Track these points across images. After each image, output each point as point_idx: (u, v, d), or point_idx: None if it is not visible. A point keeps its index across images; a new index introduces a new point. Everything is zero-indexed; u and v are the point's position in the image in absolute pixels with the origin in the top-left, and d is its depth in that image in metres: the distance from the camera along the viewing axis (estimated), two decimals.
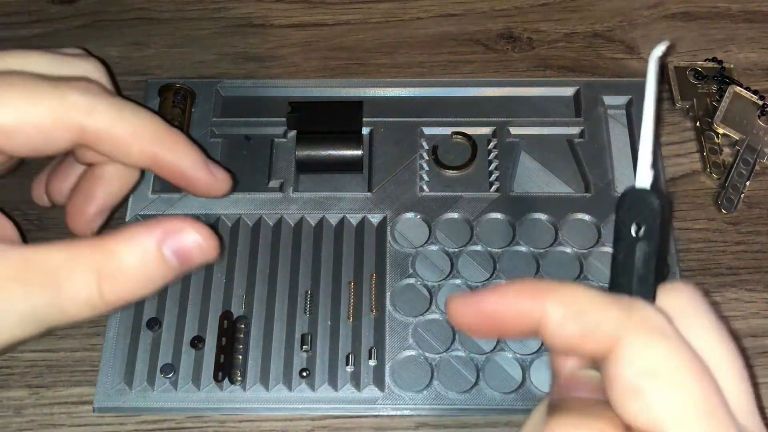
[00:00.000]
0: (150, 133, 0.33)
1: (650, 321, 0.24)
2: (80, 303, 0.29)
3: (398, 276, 0.39)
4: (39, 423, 0.36)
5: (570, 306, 0.25)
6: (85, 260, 0.29)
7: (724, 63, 0.46)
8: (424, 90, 0.45)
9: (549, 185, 0.42)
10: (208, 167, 0.34)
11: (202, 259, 0.31)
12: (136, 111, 0.33)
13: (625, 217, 0.26)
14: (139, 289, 0.30)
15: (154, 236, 0.29)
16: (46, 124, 0.30)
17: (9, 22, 0.49)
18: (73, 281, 0.28)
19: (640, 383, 0.23)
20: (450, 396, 0.36)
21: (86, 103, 0.31)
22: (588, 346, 0.25)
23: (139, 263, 0.29)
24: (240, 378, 0.37)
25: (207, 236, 0.30)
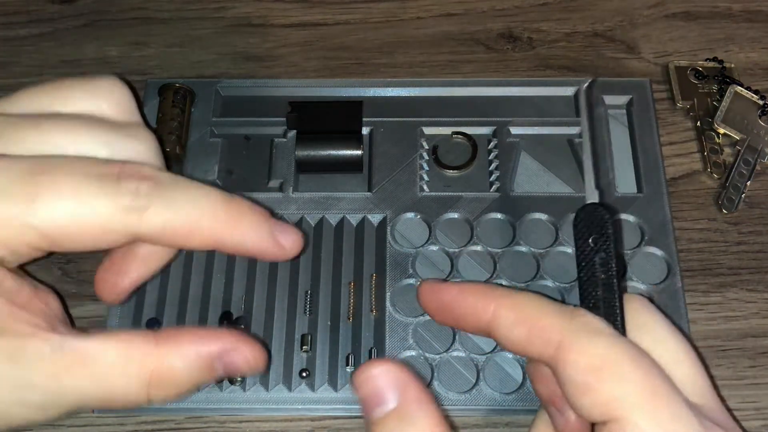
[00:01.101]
0: (210, 220, 0.30)
1: (590, 324, 0.27)
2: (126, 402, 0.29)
3: (398, 276, 0.39)
4: None
5: (518, 312, 0.28)
6: (139, 364, 0.28)
7: (724, 63, 0.46)
8: (424, 90, 0.45)
9: (549, 185, 0.42)
10: (274, 237, 0.32)
11: (247, 375, 0.31)
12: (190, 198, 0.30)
13: (582, 232, 0.29)
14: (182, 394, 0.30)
15: (210, 353, 0.29)
16: (94, 231, 0.29)
17: (9, 22, 0.49)
18: (124, 382, 0.28)
19: (587, 380, 0.25)
20: (450, 396, 0.36)
21: (138, 206, 0.29)
22: (534, 349, 0.28)
23: (191, 375, 0.29)
24: (240, 378, 0.37)
25: (258, 356, 0.30)
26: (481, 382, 0.37)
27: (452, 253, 0.40)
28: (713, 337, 0.38)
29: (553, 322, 0.27)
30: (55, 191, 0.28)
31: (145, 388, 0.28)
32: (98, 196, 0.29)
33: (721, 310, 0.39)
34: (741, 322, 0.39)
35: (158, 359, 0.28)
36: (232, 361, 0.30)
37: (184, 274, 0.39)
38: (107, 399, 0.28)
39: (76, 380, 0.28)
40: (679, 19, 0.49)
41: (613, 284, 0.28)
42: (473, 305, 0.29)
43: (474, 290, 0.30)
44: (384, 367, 0.27)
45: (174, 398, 0.29)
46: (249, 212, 0.32)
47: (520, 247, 0.40)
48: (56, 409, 0.28)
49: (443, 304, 0.31)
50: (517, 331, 0.28)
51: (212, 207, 0.31)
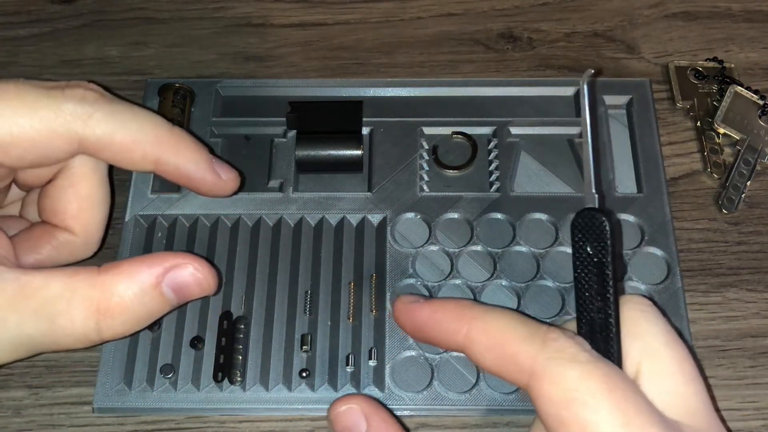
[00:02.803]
0: (151, 137, 0.32)
1: (563, 351, 0.26)
2: (75, 337, 0.29)
3: (398, 276, 0.39)
4: (38, 423, 0.36)
5: (490, 336, 0.27)
6: (84, 294, 0.28)
7: (724, 63, 0.46)
8: (424, 90, 0.45)
9: (549, 185, 0.42)
10: (213, 167, 0.34)
11: (199, 294, 0.31)
12: (136, 115, 0.32)
13: (579, 237, 0.28)
14: (136, 325, 0.30)
15: (154, 273, 0.29)
16: (42, 136, 0.30)
17: (8, 22, 0.49)
18: (69, 315, 0.28)
19: (560, 414, 0.25)
20: (450, 396, 0.36)
21: (83, 111, 0.30)
22: (508, 375, 0.27)
23: (138, 300, 0.29)
24: (240, 378, 0.37)
25: (205, 271, 0.30)
26: (481, 382, 0.37)
27: (452, 253, 0.40)
28: (713, 337, 0.38)
29: (524, 348, 0.26)
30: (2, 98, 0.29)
31: (93, 319, 0.28)
32: (44, 100, 0.30)
33: (721, 310, 0.39)
34: (741, 322, 0.39)
35: (103, 287, 0.28)
36: (179, 281, 0.29)
37: None
38: (53, 334, 0.28)
39: (18, 313, 0.27)
40: (679, 19, 0.49)
41: (609, 295, 0.27)
42: (446, 327, 0.29)
43: (446, 311, 0.29)
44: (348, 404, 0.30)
45: (125, 330, 0.29)
46: (191, 140, 0.33)
47: (520, 247, 0.40)
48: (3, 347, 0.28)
49: (416, 325, 0.30)
50: (489, 357, 0.27)
51: (155, 126, 0.32)
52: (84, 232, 0.33)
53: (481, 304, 0.29)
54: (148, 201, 0.41)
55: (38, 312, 0.28)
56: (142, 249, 0.40)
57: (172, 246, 0.40)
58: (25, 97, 0.29)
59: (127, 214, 0.41)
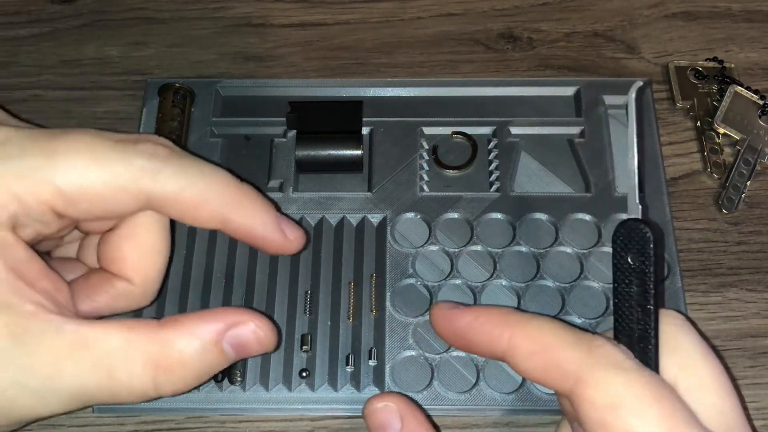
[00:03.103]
0: (219, 196, 0.31)
1: (609, 357, 0.26)
2: (132, 391, 0.28)
3: (398, 276, 0.39)
4: (38, 423, 0.36)
5: (535, 342, 0.27)
6: (142, 349, 0.28)
7: (724, 63, 0.46)
8: (424, 90, 0.45)
9: (549, 185, 0.42)
10: (280, 227, 0.33)
11: (258, 351, 0.30)
12: (204, 172, 0.31)
13: (621, 248, 0.28)
14: (194, 381, 0.29)
15: (215, 329, 0.29)
16: (111, 191, 0.29)
17: (8, 21, 0.49)
18: (127, 369, 0.28)
19: (605, 418, 0.25)
20: (450, 396, 0.36)
21: (153, 168, 0.29)
22: (551, 381, 0.27)
23: (198, 357, 0.28)
24: (240, 378, 0.37)
25: (266, 329, 0.30)
26: (481, 382, 0.37)
27: (452, 253, 0.40)
28: (713, 337, 0.38)
29: (570, 354, 0.26)
30: (73, 149, 0.29)
31: (151, 375, 0.28)
32: (114, 155, 0.29)
33: (721, 310, 0.39)
34: (741, 322, 0.39)
35: (163, 343, 0.28)
36: (239, 336, 0.29)
37: (183, 273, 0.39)
38: (110, 388, 0.28)
39: (76, 365, 0.27)
40: (679, 19, 0.49)
41: (650, 306, 0.27)
42: (488, 333, 0.29)
43: (489, 317, 0.29)
44: (385, 401, 0.30)
45: (184, 386, 0.29)
46: (258, 198, 0.32)
47: (520, 247, 0.40)
48: (56, 397, 0.27)
49: (457, 331, 0.30)
50: (533, 362, 0.27)
51: (224, 184, 0.31)
52: (143, 283, 0.32)
53: (523, 312, 0.29)
54: None
55: (96, 365, 0.27)
56: None
57: (173, 246, 0.40)
58: (96, 150, 0.29)
59: None
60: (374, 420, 0.30)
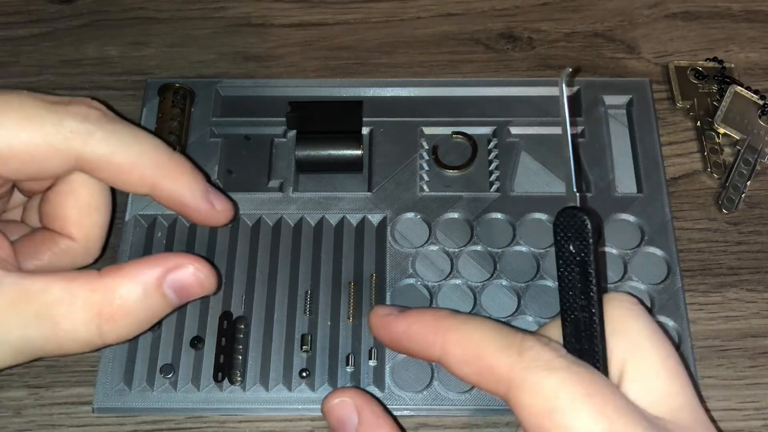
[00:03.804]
0: (150, 161, 0.31)
1: (539, 359, 0.26)
2: (78, 341, 0.28)
3: (398, 276, 0.39)
4: (38, 423, 0.36)
5: (466, 348, 0.27)
6: (85, 297, 0.28)
7: (724, 62, 0.46)
8: (424, 90, 0.45)
9: (549, 185, 0.42)
10: (208, 197, 0.33)
11: (200, 293, 0.31)
12: (136, 137, 0.31)
13: (562, 236, 0.28)
14: (138, 327, 0.29)
15: (155, 274, 0.29)
16: (41, 150, 0.29)
17: (8, 21, 0.49)
18: (71, 318, 0.28)
19: (541, 423, 0.25)
20: (450, 396, 0.36)
21: (84, 129, 0.30)
22: (486, 386, 0.27)
23: (140, 302, 0.29)
24: (240, 378, 0.37)
25: (206, 270, 0.30)
26: None
27: (452, 253, 0.40)
28: (713, 337, 0.38)
29: (500, 359, 0.26)
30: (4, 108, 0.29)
31: (95, 323, 0.28)
32: (46, 115, 0.29)
33: (721, 310, 0.39)
34: (741, 322, 0.39)
35: (105, 290, 0.28)
36: (180, 282, 0.29)
37: None
38: (55, 338, 0.28)
39: (19, 317, 0.27)
40: (679, 19, 0.49)
41: (592, 293, 0.27)
42: (422, 340, 0.29)
43: (422, 323, 0.29)
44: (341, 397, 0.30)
45: (128, 333, 0.29)
46: (188, 167, 0.33)
47: (520, 247, 0.40)
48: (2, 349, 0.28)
49: (394, 337, 0.30)
50: (466, 369, 0.27)
51: (155, 151, 0.32)
52: (85, 239, 0.33)
53: (459, 315, 0.29)
54: (149, 201, 0.41)
55: (39, 316, 0.28)
56: (142, 249, 0.40)
57: (173, 246, 0.40)
58: (28, 111, 0.29)
59: (128, 213, 0.41)
60: (332, 416, 0.30)
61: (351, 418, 0.30)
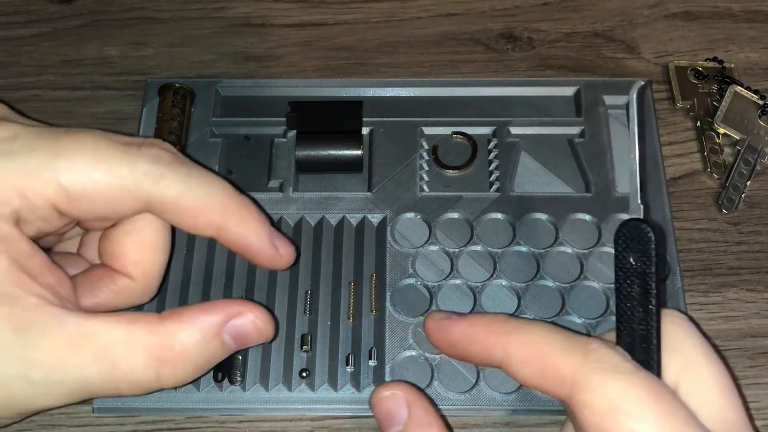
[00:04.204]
0: (218, 204, 0.31)
1: (605, 361, 0.26)
2: (135, 383, 0.28)
3: (398, 276, 0.39)
4: (38, 423, 0.36)
5: (529, 349, 0.27)
6: (145, 341, 0.28)
7: (724, 63, 0.46)
8: (424, 90, 0.45)
9: (549, 185, 0.42)
10: (273, 242, 0.33)
11: (258, 341, 0.31)
12: (206, 180, 0.31)
13: (623, 248, 0.27)
14: (196, 372, 0.29)
15: (216, 320, 0.29)
16: (113, 192, 0.29)
17: (8, 21, 0.49)
18: (130, 361, 0.28)
19: (604, 423, 0.25)
20: (450, 396, 0.36)
21: (156, 171, 0.30)
22: (549, 388, 0.27)
23: (199, 348, 0.29)
24: (240, 378, 0.37)
25: (265, 319, 0.30)
26: (481, 382, 0.37)
27: (452, 253, 0.40)
28: (713, 337, 0.38)
29: (565, 359, 0.26)
30: (78, 148, 0.29)
31: (153, 367, 0.28)
32: (119, 156, 0.29)
33: (721, 310, 0.39)
34: (741, 322, 0.39)
35: (164, 335, 0.28)
36: (239, 327, 0.29)
37: (184, 274, 0.39)
38: (112, 380, 0.28)
39: (78, 357, 0.27)
40: (679, 19, 0.49)
41: (652, 306, 0.27)
42: (483, 342, 0.29)
43: (483, 325, 0.29)
44: (392, 390, 0.29)
45: (185, 378, 0.29)
46: (255, 210, 0.33)
47: (520, 247, 0.40)
48: (58, 390, 0.28)
49: (452, 340, 0.30)
50: (529, 370, 0.27)
51: (224, 193, 0.32)
52: (143, 278, 0.32)
53: (518, 318, 0.29)
54: None
55: (98, 357, 0.27)
56: None
57: (173, 246, 0.40)
58: (102, 152, 0.29)
59: None
60: (381, 409, 0.30)
61: (400, 412, 0.29)
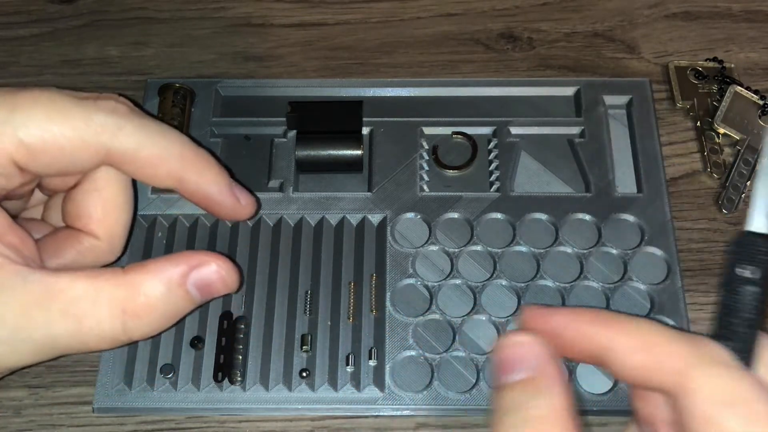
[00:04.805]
0: (176, 154, 0.32)
1: (717, 355, 0.25)
2: (102, 337, 0.29)
3: (398, 276, 0.39)
4: (38, 423, 0.36)
5: (639, 338, 0.26)
6: (109, 293, 0.28)
7: (724, 63, 0.46)
8: (424, 90, 0.45)
9: (549, 185, 0.42)
10: (233, 191, 0.34)
11: (223, 291, 0.31)
12: (163, 132, 0.32)
13: (737, 260, 0.27)
14: (162, 324, 0.30)
15: (179, 271, 0.29)
16: (72, 144, 0.30)
17: (8, 22, 0.49)
18: (96, 315, 0.28)
19: (715, 413, 0.24)
20: (450, 396, 0.36)
21: (113, 123, 0.30)
22: (655, 378, 0.26)
23: (164, 299, 0.29)
24: (240, 378, 0.37)
25: (228, 268, 0.30)
26: (481, 382, 0.37)
27: (452, 253, 0.40)
28: None
29: (677, 349, 0.26)
30: (35, 103, 0.29)
31: (119, 318, 0.28)
32: (75, 109, 0.30)
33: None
34: None
35: (129, 287, 0.28)
36: (204, 280, 0.30)
37: None
38: (79, 335, 0.28)
39: (44, 314, 0.27)
40: (679, 19, 0.49)
41: (756, 322, 0.26)
42: (585, 332, 0.28)
43: (586, 315, 0.28)
44: (529, 339, 0.27)
45: (152, 330, 0.29)
46: (214, 162, 0.33)
47: (520, 247, 0.40)
48: (26, 347, 0.28)
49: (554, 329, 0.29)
50: (635, 360, 0.26)
51: (182, 145, 0.32)
52: (108, 237, 0.33)
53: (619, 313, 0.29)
54: (149, 201, 0.41)
55: (64, 313, 0.28)
56: (142, 249, 0.40)
57: (173, 246, 0.40)
58: (58, 105, 0.29)
59: None
60: (508, 353, 0.27)
61: (525, 364, 0.27)
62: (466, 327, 0.38)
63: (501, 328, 0.38)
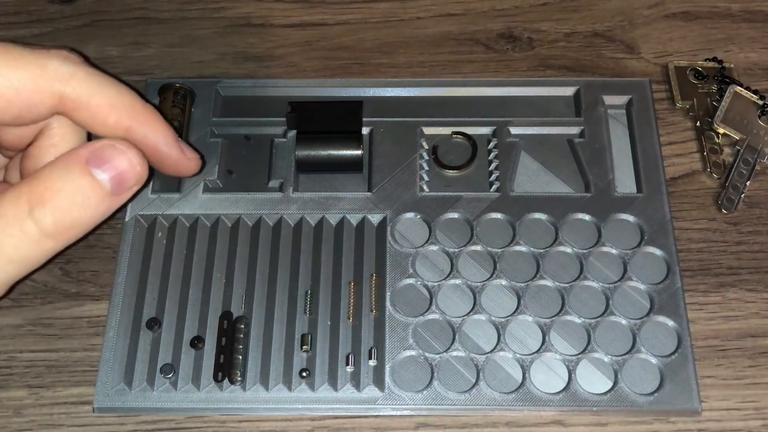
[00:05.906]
0: (127, 105, 0.33)
1: None
2: (12, 235, 0.29)
3: (398, 276, 0.39)
4: (38, 423, 0.36)
5: None
6: (12, 193, 0.29)
7: (724, 63, 0.46)
8: (424, 90, 0.45)
9: (549, 185, 0.42)
10: (179, 145, 0.35)
11: (136, 181, 0.31)
12: (114, 82, 0.33)
13: None
14: (75, 214, 0.29)
15: (78, 152, 0.30)
16: (26, 90, 0.30)
17: (8, 22, 0.49)
18: (1, 218, 0.28)
19: None
20: (450, 396, 0.36)
21: (66, 70, 0.31)
22: None
23: (67, 182, 0.29)
24: (240, 378, 0.37)
25: (137, 157, 0.31)
26: (481, 382, 0.37)
27: (452, 253, 0.40)
28: (713, 337, 0.38)
29: None
30: None
31: (24, 211, 0.28)
32: (29, 57, 0.31)
33: (721, 310, 0.39)
34: (741, 322, 0.39)
35: (30, 180, 0.29)
36: (104, 154, 0.30)
37: (184, 273, 0.39)
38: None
39: None
40: (679, 19, 0.49)
41: None
42: None
43: None
44: None
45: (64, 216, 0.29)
46: (161, 117, 0.34)
47: (520, 247, 0.40)
48: None
49: None
50: None
51: (131, 97, 0.33)
52: None
53: None
54: (149, 201, 0.41)
55: None
56: (142, 249, 0.40)
57: (173, 246, 0.40)
58: (12, 53, 0.30)
59: (128, 214, 0.41)
60: None
61: None
62: (465, 327, 0.38)
63: (501, 328, 0.38)
